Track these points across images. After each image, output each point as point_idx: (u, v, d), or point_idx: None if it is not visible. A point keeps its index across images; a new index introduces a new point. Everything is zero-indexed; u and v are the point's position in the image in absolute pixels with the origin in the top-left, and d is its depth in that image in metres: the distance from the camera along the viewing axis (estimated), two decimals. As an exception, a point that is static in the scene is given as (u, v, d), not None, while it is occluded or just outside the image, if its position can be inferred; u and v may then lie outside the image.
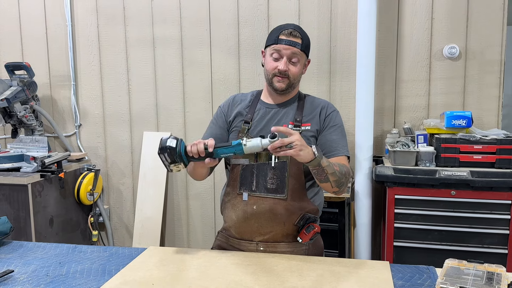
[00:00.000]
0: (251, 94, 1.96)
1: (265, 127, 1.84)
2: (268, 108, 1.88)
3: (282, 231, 1.79)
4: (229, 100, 1.97)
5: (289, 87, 1.81)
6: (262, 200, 1.78)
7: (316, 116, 1.85)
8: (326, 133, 1.83)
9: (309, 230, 1.77)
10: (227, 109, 1.93)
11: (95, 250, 1.86)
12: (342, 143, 1.82)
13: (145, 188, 3.36)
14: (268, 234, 1.79)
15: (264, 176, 1.78)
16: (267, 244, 1.80)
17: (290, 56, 1.78)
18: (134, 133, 3.43)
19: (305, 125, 1.82)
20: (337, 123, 1.85)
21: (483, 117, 2.91)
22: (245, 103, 1.92)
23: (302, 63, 1.82)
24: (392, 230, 2.64)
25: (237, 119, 1.89)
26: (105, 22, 3.38)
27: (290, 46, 1.76)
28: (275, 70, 1.78)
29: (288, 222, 1.78)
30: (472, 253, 2.54)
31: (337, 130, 1.84)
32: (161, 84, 3.34)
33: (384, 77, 2.99)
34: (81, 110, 3.50)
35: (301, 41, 1.78)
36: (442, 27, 2.91)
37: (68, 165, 3.24)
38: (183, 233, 3.43)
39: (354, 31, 2.94)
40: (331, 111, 1.87)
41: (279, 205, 1.77)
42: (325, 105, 1.89)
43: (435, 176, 2.54)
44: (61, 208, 3.15)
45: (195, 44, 3.25)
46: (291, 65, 1.78)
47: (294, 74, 1.79)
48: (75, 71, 3.47)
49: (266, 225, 1.78)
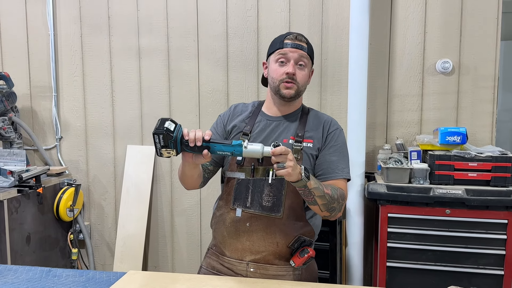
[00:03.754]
0: (252, 104, 1.87)
1: (265, 140, 1.74)
2: (269, 120, 1.79)
3: (274, 252, 1.69)
4: (230, 109, 1.88)
5: (297, 94, 1.72)
6: (256, 218, 1.69)
7: (319, 133, 1.75)
8: (325, 153, 1.73)
9: (303, 254, 1.68)
10: (228, 118, 1.84)
11: (70, 274, 1.73)
12: (342, 165, 1.72)
13: (128, 204, 3.22)
14: (260, 254, 1.69)
15: (260, 192, 1.69)
16: (258, 266, 1.70)
17: (298, 59, 1.70)
18: (118, 147, 3.30)
19: (307, 141, 1.73)
20: (338, 142, 1.75)
21: (477, 133, 2.85)
22: (245, 114, 1.83)
23: (308, 69, 1.74)
24: (385, 250, 2.54)
25: (236, 130, 1.80)
26: (89, 31, 3.27)
27: (297, 49, 1.69)
28: (283, 76, 1.69)
29: (282, 243, 1.69)
30: (467, 274, 2.46)
31: (338, 150, 1.74)
32: (147, 96, 3.23)
33: (376, 92, 2.92)
34: (62, 122, 3.37)
35: (307, 45, 1.72)
36: (435, 42, 2.85)
37: (48, 179, 3.10)
38: (167, 251, 3.30)
39: (346, 44, 2.87)
40: (334, 129, 1.77)
41: (273, 224, 1.67)
42: (329, 121, 1.79)
43: (429, 194, 2.46)
44: (39, 224, 3.00)
45: (182, 55, 3.15)
46: (298, 69, 1.70)
47: (302, 79, 1.71)
48: (57, 81, 3.34)
49: (258, 244, 1.68)
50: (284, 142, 1.71)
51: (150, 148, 3.23)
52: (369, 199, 2.58)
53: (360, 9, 2.60)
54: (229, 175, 1.75)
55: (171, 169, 3.23)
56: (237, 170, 1.72)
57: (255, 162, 1.70)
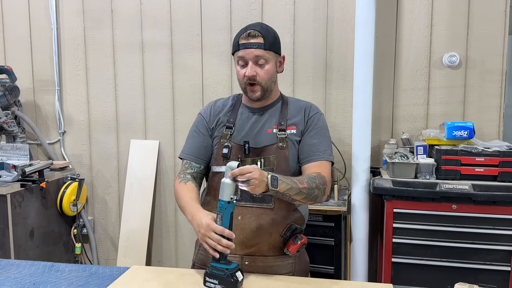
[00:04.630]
0: (232, 98, 1.86)
1: (249, 131, 1.74)
2: (251, 112, 1.78)
3: (268, 243, 1.69)
4: (210, 106, 1.86)
5: (265, 92, 1.71)
6: (248, 210, 1.68)
7: (300, 118, 1.76)
8: (307, 137, 1.74)
9: (296, 240, 1.69)
10: (209, 115, 1.82)
11: (73, 269, 1.72)
12: (323, 147, 1.73)
13: (132, 199, 3.21)
14: (254, 246, 1.68)
15: None
16: (253, 258, 1.69)
17: (255, 59, 1.66)
18: (121, 141, 3.29)
19: (290, 129, 1.74)
20: (319, 125, 1.76)
21: (484, 127, 2.81)
22: (227, 108, 1.82)
23: (273, 63, 1.71)
24: (390, 246, 2.52)
25: (220, 126, 1.79)
26: (92, 25, 3.25)
27: (252, 49, 1.65)
28: (245, 79, 1.68)
29: (275, 233, 1.69)
30: (473, 270, 2.44)
31: (319, 133, 1.75)
32: (150, 90, 3.21)
33: (382, 86, 2.88)
34: (65, 116, 3.35)
35: (263, 39, 1.66)
36: (442, 35, 2.81)
37: (51, 174, 3.09)
38: (171, 246, 3.29)
39: (351, 37, 2.84)
40: (314, 113, 1.78)
41: (265, 215, 1.67)
42: (309, 107, 1.80)
43: (436, 190, 2.43)
44: (43, 219, 2.99)
45: (186, 48, 3.12)
46: (258, 68, 1.67)
47: (264, 77, 1.68)
48: (60, 75, 3.32)
49: (252, 237, 1.68)
50: (268, 132, 1.72)
51: (153, 142, 3.21)
52: (375, 194, 2.55)
53: (366, 2, 2.56)
54: (216, 170, 1.74)
55: (175, 163, 3.21)
56: (224, 163, 1.71)
57: (242, 154, 1.70)
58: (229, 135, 1.74)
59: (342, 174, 2.88)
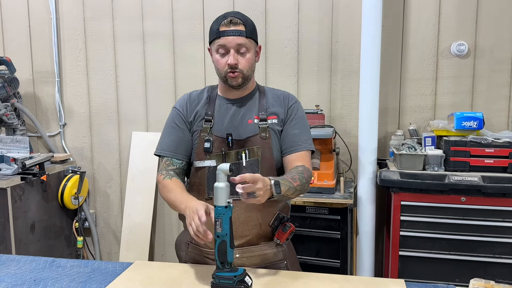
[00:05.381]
0: (207, 89, 1.80)
1: (230, 123, 1.70)
2: (229, 103, 1.73)
3: (258, 234, 1.67)
4: (184, 99, 1.79)
5: (245, 80, 1.66)
6: (235, 203, 1.60)
7: (280, 107, 1.73)
8: (288, 127, 1.72)
9: (285, 229, 1.67)
10: (185, 109, 1.76)
11: (75, 264, 1.67)
12: (304, 137, 1.72)
13: (134, 192, 3.16)
14: (244, 238, 1.65)
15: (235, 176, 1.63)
16: (243, 250, 1.65)
17: (237, 47, 1.61)
18: (122, 133, 3.23)
19: (271, 118, 1.71)
20: (299, 115, 1.75)
21: (492, 118, 2.75)
22: (203, 100, 1.76)
23: (253, 52, 1.66)
24: (398, 239, 2.47)
25: (198, 119, 1.73)
26: (92, 15, 3.18)
27: (234, 36, 1.60)
28: (226, 67, 1.62)
29: (264, 223, 1.67)
30: (482, 263, 2.40)
31: (299, 123, 1.73)
32: (151, 81, 3.15)
33: (388, 76, 2.82)
34: (66, 108, 3.30)
35: (245, 27, 1.61)
36: (450, 23, 2.74)
37: (52, 167, 3.04)
38: (174, 240, 3.22)
39: (357, 27, 2.77)
40: (292, 103, 1.76)
41: (253, 207, 1.62)
42: (287, 96, 1.77)
43: (444, 182, 2.38)
44: (44, 213, 2.95)
45: (188, 39, 3.06)
46: (240, 57, 1.62)
47: (246, 66, 1.64)
48: (60, 67, 3.27)
49: (241, 229, 1.64)
50: (249, 122, 1.69)
51: (155, 134, 3.16)
52: (382, 187, 2.51)
53: (373, -11, 2.50)
54: (199, 165, 1.69)
55: (177, 156, 3.16)
56: (207, 158, 1.67)
57: (225, 147, 1.67)
58: (209, 128, 1.69)
59: (347, 166, 2.83)
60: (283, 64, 2.93)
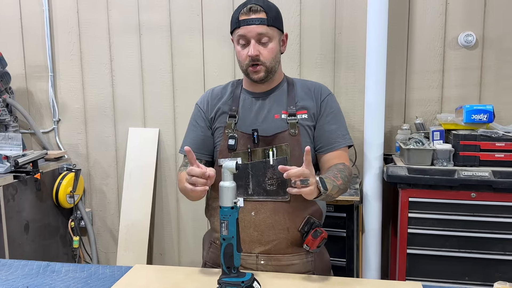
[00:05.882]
0: (231, 84, 1.70)
1: (255, 118, 1.59)
2: (254, 97, 1.63)
3: (286, 239, 1.55)
4: (207, 95, 1.70)
5: (269, 73, 1.55)
6: (261, 205, 1.54)
7: (311, 101, 1.61)
8: (323, 123, 1.60)
9: (316, 235, 1.53)
10: (206, 105, 1.67)
11: (70, 269, 1.58)
12: (341, 132, 1.61)
13: (131, 189, 3.07)
14: (270, 243, 1.54)
15: (261, 176, 1.54)
16: (269, 257, 1.55)
17: (257, 37, 1.51)
18: (119, 129, 3.13)
19: (300, 113, 1.59)
20: (333, 109, 1.63)
21: (501, 111, 2.66)
22: (227, 95, 1.66)
23: (276, 41, 1.55)
24: (405, 236, 2.39)
25: (220, 115, 1.63)
26: (86, 6, 3.07)
27: (254, 25, 1.49)
28: (247, 60, 1.52)
29: (292, 228, 1.55)
30: (493, 261, 2.31)
31: (335, 117, 1.62)
32: (148, 75, 3.04)
33: (394, 68, 2.72)
34: (59, 104, 3.19)
35: (266, 15, 1.50)
36: (458, 13, 2.65)
37: (46, 164, 2.94)
38: (173, 238, 3.15)
39: (361, 16, 2.68)
40: (326, 95, 1.63)
41: (281, 209, 1.53)
42: (319, 88, 1.65)
43: (454, 177, 2.29)
44: (38, 212, 2.85)
45: (186, 31, 2.95)
46: (261, 47, 1.52)
47: (268, 57, 1.53)
48: (53, 61, 3.15)
49: (267, 234, 1.54)
50: (276, 118, 1.58)
51: (153, 130, 3.06)
52: (389, 183, 2.42)
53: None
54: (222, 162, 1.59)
55: (176, 152, 3.07)
56: (231, 156, 1.57)
57: (251, 144, 1.56)
58: (234, 124, 1.59)
59: (352, 162, 2.74)
60: (284, 56, 2.78)
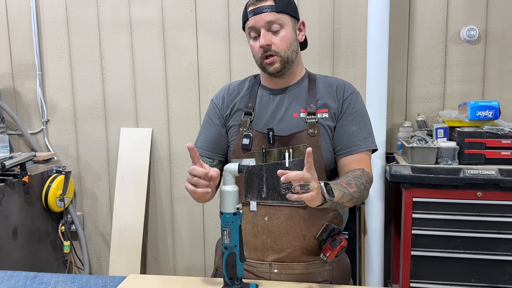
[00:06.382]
0: (249, 79, 1.60)
1: (271, 117, 1.49)
2: (272, 94, 1.53)
3: (301, 247, 1.45)
4: (223, 90, 1.61)
5: (286, 63, 1.45)
6: (276, 210, 1.44)
7: (333, 99, 1.50)
8: (343, 123, 1.48)
9: (335, 244, 1.43)
10: (222, 101, 1.58)
11: (60, 280, 1.48)
12: (363, 134, 1.49)
13: (124, 192, 2.96)
14: (284, 251, 1.45)
15: (276, 179, 1.43)
16: (283, 265, 1.45)
17: (267, 26, 1.41)
18: (110, 130, 3.02)
19: (321, 112, 1.47)
20: (357, 108, 1.50)
21: (505, 107, 2.58)
22: (243, 91, 1.56)
23: (290, 28, 1.45)
24: (410, 238, 2.31)
25: (236, 112, 1.54)
26: (75, 2, 2.95)
27: (262, 14, 1.40)
28: (260, 52, 1.43)
29: (309, 235, 1.45)
30: (499, 262, 2.25)
31: (357, 118, 1.49)
32: (140, 73, 2.94)
33: (394, 63, 2.64)
34: (48, 103, 3.07)
35: (274, 1, 1.41)
36: (460, 7, 2.57)
37: (34, 167, 2.82)
38: (167, 242, 3.05)
39: (361, 11, 2.60)
40: (349, 93, 1.52)
41: (297, 215, 1.44)
42: (342, 85, 1.53)
43: (459, 176, 2.22)
44: (26, 217, 2.73)
45: (179, 26, 2.85)
46: (273, 36, 1.42)
47: (281, 46, 1.43)
48: (41, 59, 3.03)
49: (281, 241, 1.44)
50: (294, 116, 1.48)
51: (145, 130, 2.95)
52: (392, 182, 2.34)
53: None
54: None
55: (170, 152, 2.96)
56: (245, 156, 1.47)
57: (266, 144, 1.46)
58: (249, 122, 1.49)
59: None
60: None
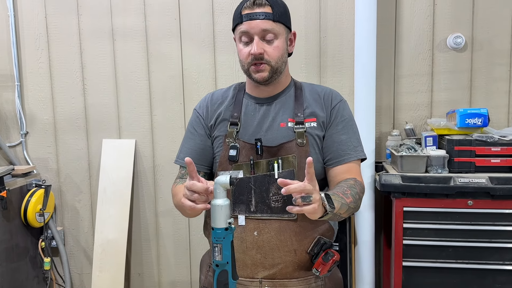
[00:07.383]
0: (233, 87, 1.55)
1: (258, 127, 1.44)
2: (258, 103, 1.47)
3: (292, 263, 1.40)
4: (206, 99, 1.54)
5: (274, 73, 1.40)
6: (265, 224, 1.39)
7: (321, 108, 1.46)
8: (332, 132, 1.45)
9: (327, 258, 1.39)
10: (205, 111, 1.52)
11: (38, 301, 1.38)
12: (353, 143, 1.46)
13: (106, 206, 2.86)
14: (275, 267, 1.39)
15: (265, 191, 1.39)
16: (274, 282, 1.40)
17: (262, 34, 1.36)
18: (92, 141, 2.93)
19: (309, 121, 1.43)
20: (345, 117, 1.47)
21: (492, 114, 2.57)
22: (228, 100, 1.51)
23: (283, 39, 1.40)
24: (401, 248, 2.27)
25: (221, 122, 1.48)
26: (54, 11, 2.87)
27: (259, 20, 1.34)
28: (249, 58, 1.37)
29: (300, 250, 1.40)
30: (491, 271, 2.23)
31: (346, 126, 1.46)
32: (123, 83, 2.86)
33: (381, 72, 2.62)
34: (27, 115, 2.97)
35: (272, 9, 1.36)
36: (446, 14, 2.57)
37: (13, 181, 2.72)
38: (152, 257, 2.96)
39: (348, 19, 2.58)
40: (337, 102, 1.48)
41: (287, 229, 1.38)
42: (329, 93, 1.49)
43: (450, 184, 2.19)
44: (4, 232, 2.62)
45: (163, 36, 2.79)
46: (266, 44, 1.37)
47: (274, 55, 1.38)
48: (20, 69, 2.94)
49: (272, 256, 1.38)
50: (282, 126, 1.43)
51: (128, 141, 2.87)
52: (382, 192, 2.30)
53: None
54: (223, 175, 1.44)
55: (154, 164, 2.89)
56: (232, 168, 1.42)
57: (254, 156, 1.41)
58: (235, 132, 1.43)
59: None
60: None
